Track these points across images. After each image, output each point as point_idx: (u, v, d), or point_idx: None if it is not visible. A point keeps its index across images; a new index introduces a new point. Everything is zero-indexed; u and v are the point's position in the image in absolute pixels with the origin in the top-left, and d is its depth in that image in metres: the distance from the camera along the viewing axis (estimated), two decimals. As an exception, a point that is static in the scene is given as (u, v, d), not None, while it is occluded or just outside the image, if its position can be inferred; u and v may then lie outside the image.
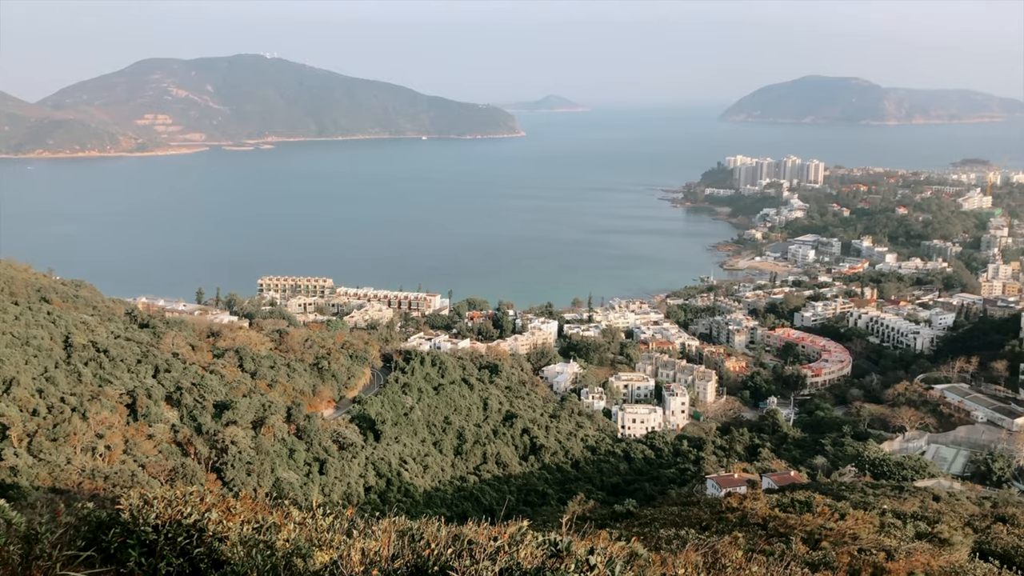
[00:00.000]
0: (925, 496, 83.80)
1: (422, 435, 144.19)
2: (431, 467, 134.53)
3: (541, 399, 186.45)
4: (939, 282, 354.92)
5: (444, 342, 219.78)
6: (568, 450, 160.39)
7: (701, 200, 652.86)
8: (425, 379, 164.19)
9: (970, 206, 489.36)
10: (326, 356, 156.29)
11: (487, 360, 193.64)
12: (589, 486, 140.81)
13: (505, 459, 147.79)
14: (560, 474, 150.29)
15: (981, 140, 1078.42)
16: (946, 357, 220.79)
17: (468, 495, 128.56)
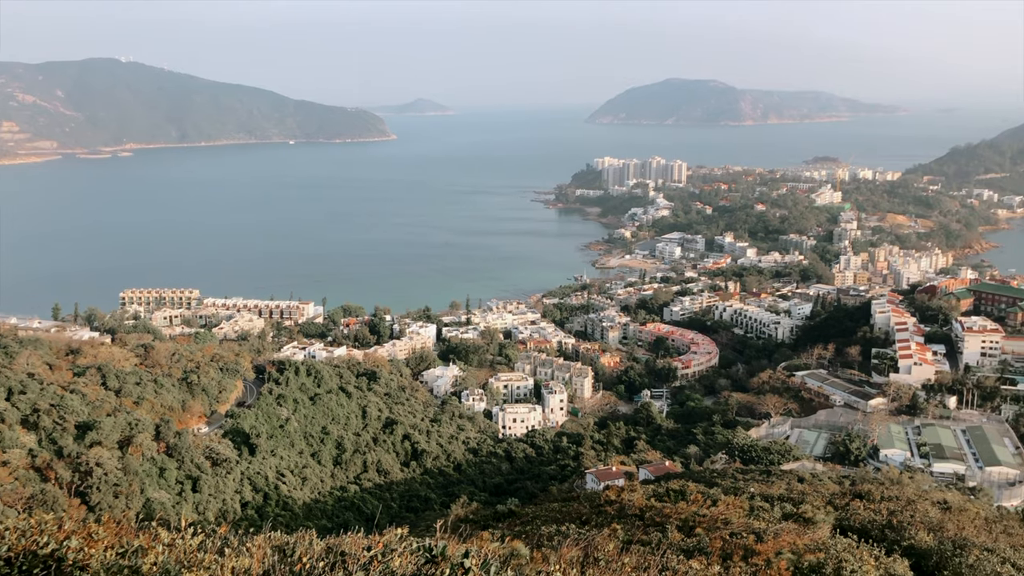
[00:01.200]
0: (790, 478, 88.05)
1: (299, 447, 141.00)
2: (310, 479, 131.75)
3: (421, 404, 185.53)
4: (796, 274, 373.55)
5: (319, 351, 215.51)
6: (450, 453, 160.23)
7: (572, 201, 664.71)
8: (301, 389, 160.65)
9: (822, 201, 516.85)
10: (195, 370, 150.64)
11: (365, 367, 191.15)
12: (472, 488, 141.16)
13: (386, 466, 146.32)
14: (443, 478, 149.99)
15: (830, 138, 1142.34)
16: (805, 345, 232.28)
17: (349, 505, 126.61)
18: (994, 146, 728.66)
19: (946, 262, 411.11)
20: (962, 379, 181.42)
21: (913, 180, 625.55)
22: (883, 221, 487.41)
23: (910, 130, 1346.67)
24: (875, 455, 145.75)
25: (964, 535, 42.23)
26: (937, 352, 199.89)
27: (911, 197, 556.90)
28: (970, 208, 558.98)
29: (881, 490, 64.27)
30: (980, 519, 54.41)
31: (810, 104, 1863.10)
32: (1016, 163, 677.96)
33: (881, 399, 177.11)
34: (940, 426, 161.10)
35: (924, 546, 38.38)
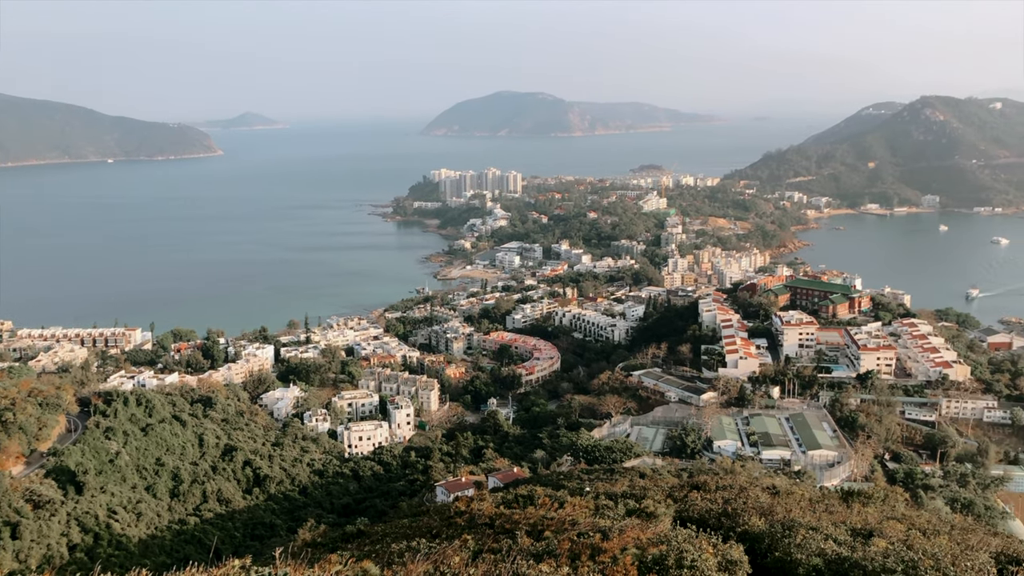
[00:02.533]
0: (633, 475, 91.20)
1: (132, 481, 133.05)
2: (145, 514, 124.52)
3: (262, 428, 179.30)
4: (629, 278, 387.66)
5: (149, 379, 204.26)
6: (295, 477, 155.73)
7: (410, 214, 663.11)
8: (131, 420, 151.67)
9: (649, 207, 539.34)
10: (10, 407, 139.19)
11: (199, 393, 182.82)
12: (319, 511, 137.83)
13: (228, 495, 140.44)
14: (288, 503, 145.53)
15: (654, 148, 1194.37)
16: (640, 345, 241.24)
17: (189, 538, 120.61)
18: (802, 151, 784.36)
19: (764, 261, 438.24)
20: (783, 370, 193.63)
21: (731, 185, 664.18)
22: (706, 224, 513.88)
23: (726, 138, 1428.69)
24: (709, 447, 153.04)
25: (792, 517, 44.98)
26: (760, 346, 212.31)
27: (730, 201, 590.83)
28: (783, 210, 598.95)
29: (716, 480, 67.62)
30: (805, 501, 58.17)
31: (634, 115, 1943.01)
32: (821, 167, 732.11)
33: (712, 393, 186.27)
34: (766, 415, 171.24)
35: (757, 530, 40.62)
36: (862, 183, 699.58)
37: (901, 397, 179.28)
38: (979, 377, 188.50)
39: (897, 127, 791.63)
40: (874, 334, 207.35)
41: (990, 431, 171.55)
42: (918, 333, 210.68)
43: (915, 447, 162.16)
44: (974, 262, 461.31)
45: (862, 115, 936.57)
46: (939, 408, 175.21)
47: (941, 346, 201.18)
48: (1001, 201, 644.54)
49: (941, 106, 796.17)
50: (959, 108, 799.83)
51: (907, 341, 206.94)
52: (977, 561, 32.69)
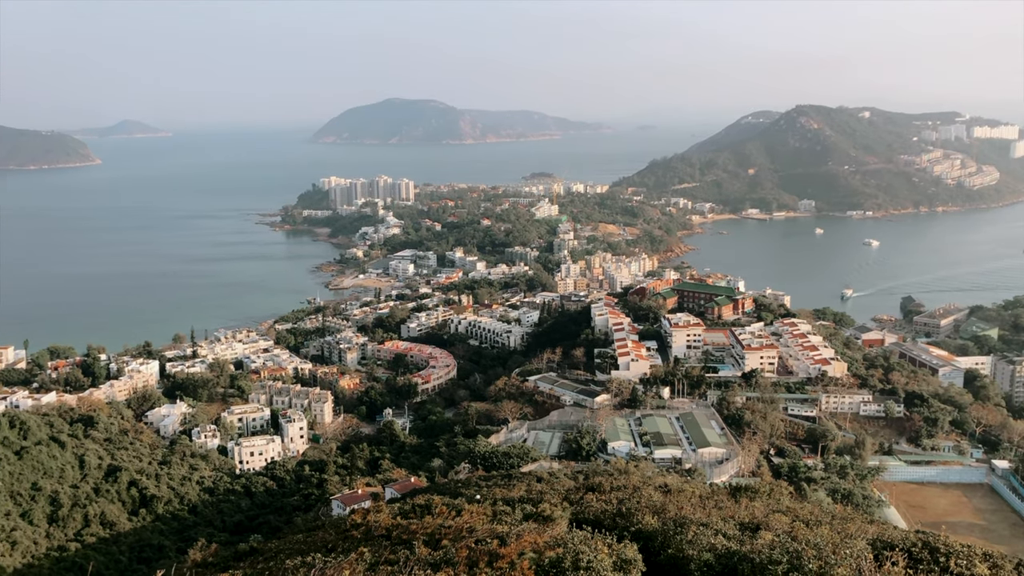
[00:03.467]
0: (530, 479, 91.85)
1: (6, 507, 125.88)
2: (20, 542, 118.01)
3: (148, 447, 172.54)
4: (523, 284, 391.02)
5: (23, 399, 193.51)
6: (183, 496, 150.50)
7: (300, 222, 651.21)
8: (3, 444, 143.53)
9: (542, 214, 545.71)
10: None
11: (79, 413, 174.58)
12: (210, 529, 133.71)
13: (112, 518, 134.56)
14: (177, 523, 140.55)
15: (545, 155, 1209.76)
16: (536, 350, 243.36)
17: (71, 565, 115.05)
18: (686, 159, 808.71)
19: (652, 265, 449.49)
20: (673, 371, 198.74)
21: (619, 192, 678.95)
22: (596, 231, 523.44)
23: (614, 146, 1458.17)
24: (604, 448, 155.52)
25: (683, 514, 46.25)
26: (650, 348, 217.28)
27: (619, 207, 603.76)
28: (670, 215, 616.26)
29: (610, 481, 68.89)
30: (696, 498, 59.87)
31: (524, 123, 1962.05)
32: (704, 173, 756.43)
33: (606, 395, 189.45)
34: (658, 415, 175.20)
35: (650, 529, 41.64)
36: (743, 189, 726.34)
37: (784, 394, 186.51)
38: (855, 373, 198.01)
39: (775, 135, 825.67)
40: (757, 334, 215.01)
41: (866, 424, 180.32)
42: (798, 332, 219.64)
43: (798, 442, 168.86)
44: (848, 263, 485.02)
45: (742, 123, 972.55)
46: (819, 404, 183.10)
47: (819, 344, 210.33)
48: (871, 205, 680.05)
49: (815, 115, 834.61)
50: (831, 117, 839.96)
51: (788, 340, 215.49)
52: (855, 548, 34.36)
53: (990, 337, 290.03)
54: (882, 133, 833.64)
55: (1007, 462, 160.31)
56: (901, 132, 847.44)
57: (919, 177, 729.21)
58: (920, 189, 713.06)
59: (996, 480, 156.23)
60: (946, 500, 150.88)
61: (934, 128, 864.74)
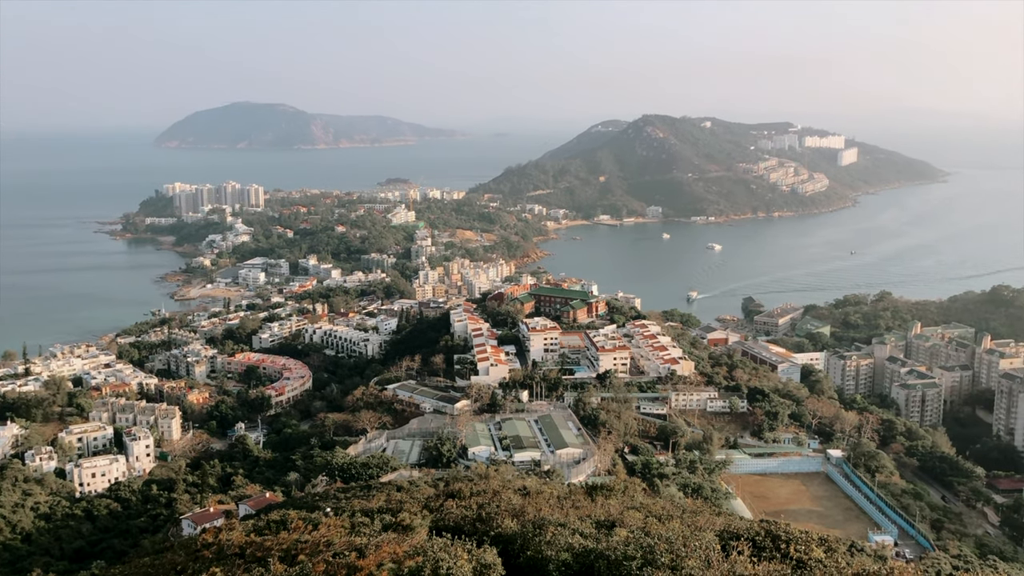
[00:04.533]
0: (390, 489, 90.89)
1: None
2: None
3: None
4: (380, 291, 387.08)
5: None
6: (16, 524, 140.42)
7: (143, 231, 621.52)
8: None
9: (398, 221, 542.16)
10: None
11: None
12: (47, 558, 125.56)
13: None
14: (10, 553, 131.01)
15: (400, 161, 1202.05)
16: (394, 358, 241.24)
17: None
18: (540, 166, 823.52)
19: (510, 271, 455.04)
20: (531, 374, 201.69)
21: (476, 198, 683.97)
22: (454, 237, 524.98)
23: (469, 152, 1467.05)
24: (464, 454, 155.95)
25: (542, 515, 46.95)
26: (509, 352, 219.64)
27: (476, 214, 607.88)
28: (525, 221, 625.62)
29: (471, 486, 69.07)
30: (554, 498, 60.95)
31: (378, 128, 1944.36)
32: (558, 180, 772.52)
33: (466, 401, 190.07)
34: (517, 419, 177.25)
35: (510, 532, 42.03)
36: (595, 196, 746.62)
37: (636, 393, 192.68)
38: (701, 371, 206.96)
39: (623, 143, 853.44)
40: (610, 336, 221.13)
41: (713, 419, 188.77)
42: (648, 333, 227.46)
43: (650, 439, 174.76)
44: (693, 266, 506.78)
45: (592, 132, 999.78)
46: (669, 402, 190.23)
47: (668, 344, 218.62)
48: (714, 211, 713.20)
49: (660, 124, 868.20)
50: (675, 126, 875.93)
51: (639, 341, 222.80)
52: (704, 540, 35.87)
53: (823, 334, 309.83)
54: (722, 142, 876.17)
55: (840, 451, 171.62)
56: (739, 141, 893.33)
57: (757, 184, 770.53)
58: (758, 195, 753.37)
59: (831, 468, 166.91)
60: (787, 489, 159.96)
61: (769, 138, 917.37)
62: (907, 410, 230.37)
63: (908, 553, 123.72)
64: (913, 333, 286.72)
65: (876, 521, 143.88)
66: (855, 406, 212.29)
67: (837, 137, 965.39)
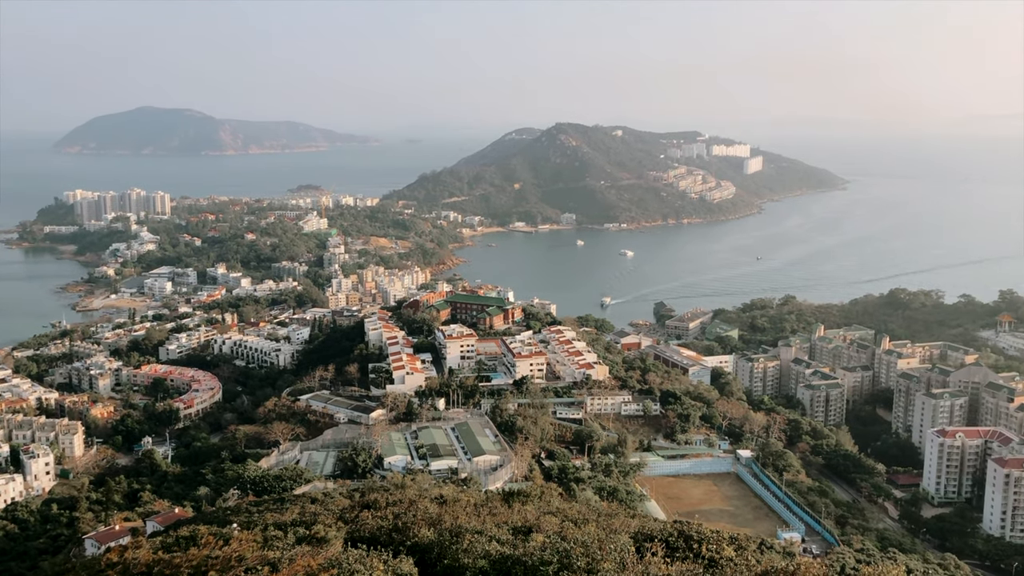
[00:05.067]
0: (304, 502, 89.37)
1: None
2: None
3: None
4: (292, 300, 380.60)
5: None
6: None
7: (41, 239, 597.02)
8: None
9: (310, 228, 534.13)
10: None
11: None
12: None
13: None
14: None
15: (312, 167, 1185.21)
16: (307, 369, 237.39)
17: None
18: (455, 173, 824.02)
19: (425, 278, 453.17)
20: (448, 382, 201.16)
21: (390, 205, 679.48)
22: (367, 244, 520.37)
23: (383, 159, 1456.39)
24: (381, 464, 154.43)
25: (459, 523, 46.88)
26: (425, 360, 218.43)
27: (390, 221, 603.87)
28: (441, 229, 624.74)
29: (387, 496, 68.53)
30: (471, 506, 60.92)
31: (289, 134, 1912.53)
32: (473, 187, 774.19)
33: (381, 410, 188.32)
34: (434, 427, 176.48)
35: (426, 541, 41.83)
36: (510, 203, 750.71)
37: (552, 399, 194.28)
38: (616, 375, 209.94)
39: (537, 151, 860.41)
40: (526, 342, 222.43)
41: (627, 423, 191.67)
42: (564, 339, 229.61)
43: (566, 444, 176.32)
44: (607, 272, 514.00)
45: (506, 140, 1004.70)
46: (585, 406, 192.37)
47: (584, 349, 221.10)
48: (626, 218, 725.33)
49: (573, 132, 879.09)
50: (588, 135, 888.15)
51: (555, 347, 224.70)
52: (619, 543, 36.40)
53: (732, 337, 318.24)
54: (633, 151, 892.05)
55: (749, 451, 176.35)
56: (650, 150, 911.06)
57: (667, 192, 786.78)
58: (668, 203, 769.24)
59: (741, 468, 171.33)
60: (699, 490, 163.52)
61: (678, 147, 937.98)
62: (812, 410, 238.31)
63: (815, 549, 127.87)
64: (817, 335, 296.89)
65: (784, 519, 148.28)
66: (763, 407, 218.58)
67: (743, 146, 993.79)
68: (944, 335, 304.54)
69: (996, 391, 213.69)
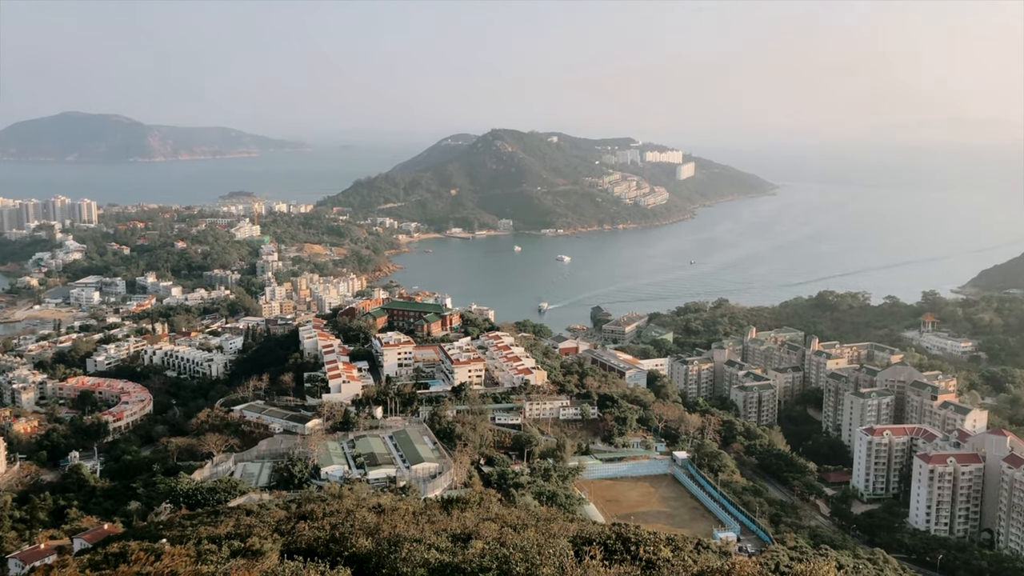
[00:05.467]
0: (238, 514, 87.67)
1: None
2: None
3: None
4: (225, 309, 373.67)
5: None
6: None
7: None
8: None
9: (242, 235, 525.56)
10: None
11: None
12: None
13: None
14: None
15: (244, 174, 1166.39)
16: (241, 378, 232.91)
17: None
18: (390, 179, 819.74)
19: (361, 285, 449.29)
20: (385, 390, 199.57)
21: (324, 211, 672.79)
22: (301, 251, 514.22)
23: (316, 165, 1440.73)
24: (317, 474, 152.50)
25: (397, 532, 46.59)
26: (362, 368, 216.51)
27: (324, 227, 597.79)
28: (376, 235, 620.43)
29: (323, 507, 67.70)
30: (409, 514, 60.56)
31: (221, 140, 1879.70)
32: (409, 193, 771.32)
33: (317, 420, 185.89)
34: (371, 436, 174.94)
35: (364, 551, 41.45)
36: (446, 208, 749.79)
37: (491, 405, 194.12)
38: (554, 380, 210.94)
39: (474, 157, 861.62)
40: (465, 348, 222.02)
41: (565, 427, 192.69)
42: (502, 344, 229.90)
43: (505, 449, 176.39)
44: (544, 278, 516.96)
45: (442, 145, 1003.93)
46: (523, 411, 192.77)
47: (522, 355, 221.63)
48: (563, 223, 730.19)
49: (509, 138, 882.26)
50: (524, 141, 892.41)
51: (493, 352, 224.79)
52: (558, 547, 36.59)
53: (667, 340, 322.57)
54: (569, 157, 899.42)
55: (685, 453, 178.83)
56: (585, 156, 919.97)
57: (602, 197, 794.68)
58: (603, 208, 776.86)
59: (677, 470, 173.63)
60: (637, 492, 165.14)
61: (613, 153, 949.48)
62: (745, 411, 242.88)
63: (750, 547, 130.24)
64: (749, 338, 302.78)
65: (720, 519, 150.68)
66: (698, 409, 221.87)
67: (675, 152, 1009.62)
68: (871, 336, 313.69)
69: (921, 389, 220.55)
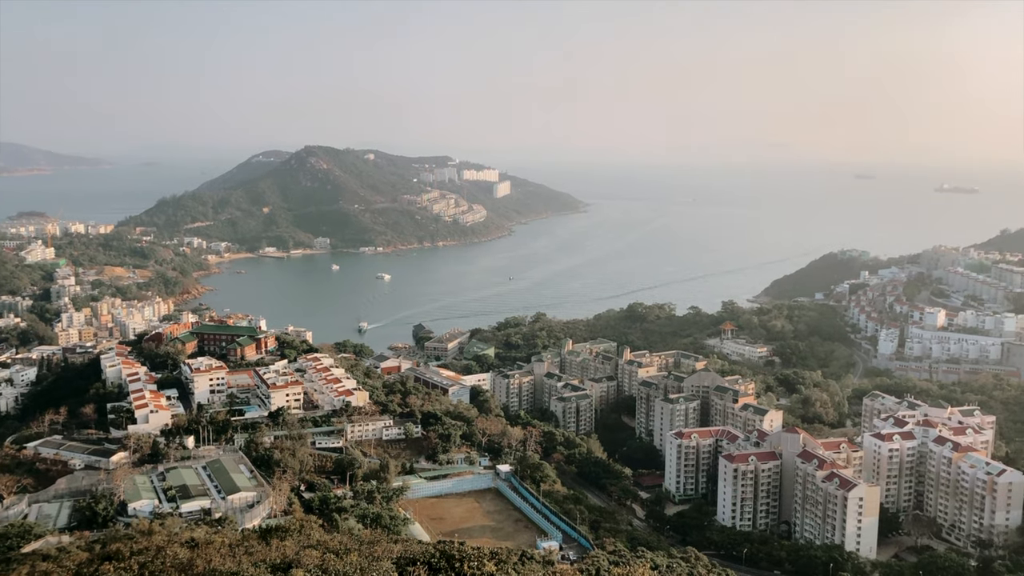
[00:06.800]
0: (34, 560, 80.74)
1: None
2: None
3: None
4: (15, 338, 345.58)
5: None
6: None
7: None
8: None
9: (34, 258, 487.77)
10: None
11: None
12: None
13: None
14: None
15: (34, 193, 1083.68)
16: (35, 413, 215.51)
17: None
18: (197, 197, 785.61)
19: (168, 309, 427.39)
20: (197, 418, 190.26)
21: (127, 232, 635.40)
22: (102, 274, 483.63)
23: (116, 183, 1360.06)
24: (124, 511, 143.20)
25: (212, 567, 44.60)
26: (171, 396, 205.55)
27: (127, 248, 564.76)
28: (184, 256, 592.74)
29: (131, 545, 63.61)
30: (226, 547, 58.04)
31: (7, 157, 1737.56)
32: (219, 212, 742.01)
33: (123, 453, 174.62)
34: (183, 467, 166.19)
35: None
36: (259, 227, 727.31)
37: (311, 428, 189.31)
38: (376, 400, 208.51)
39: (287, 174, 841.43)
40: (282, 372, 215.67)
41: (389, 447, 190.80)
42: (321, 367, 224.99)
43: (327, 474, 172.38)
44: (364, 297, 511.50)
45: (252, 162, 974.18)
46: (345, 434, 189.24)
47: (342, 376, 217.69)
48: (382, 241, 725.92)
49: (324, 155, 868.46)
50: (339, 158, 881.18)
51: (312, 375, 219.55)
52: (382, 569, 36.26)
53: (489, 356, 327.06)
54: (386, 174, 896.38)
55: (508, 466, 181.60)
56: (403, 174, 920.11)
57: (421, 215, 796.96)
58: (423, 226, 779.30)
59: (501, 483, 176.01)
60: (461, 508, 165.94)
61: (431, 171, 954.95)
62: (565, 421, 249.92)
63: (572, 555, 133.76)
64: (566, 350, 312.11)
65: (543, 528, 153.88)
66: (520, 421, 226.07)
67: (492, 171, 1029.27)
68: (677, 344, 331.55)
69: (723, 393, 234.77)
